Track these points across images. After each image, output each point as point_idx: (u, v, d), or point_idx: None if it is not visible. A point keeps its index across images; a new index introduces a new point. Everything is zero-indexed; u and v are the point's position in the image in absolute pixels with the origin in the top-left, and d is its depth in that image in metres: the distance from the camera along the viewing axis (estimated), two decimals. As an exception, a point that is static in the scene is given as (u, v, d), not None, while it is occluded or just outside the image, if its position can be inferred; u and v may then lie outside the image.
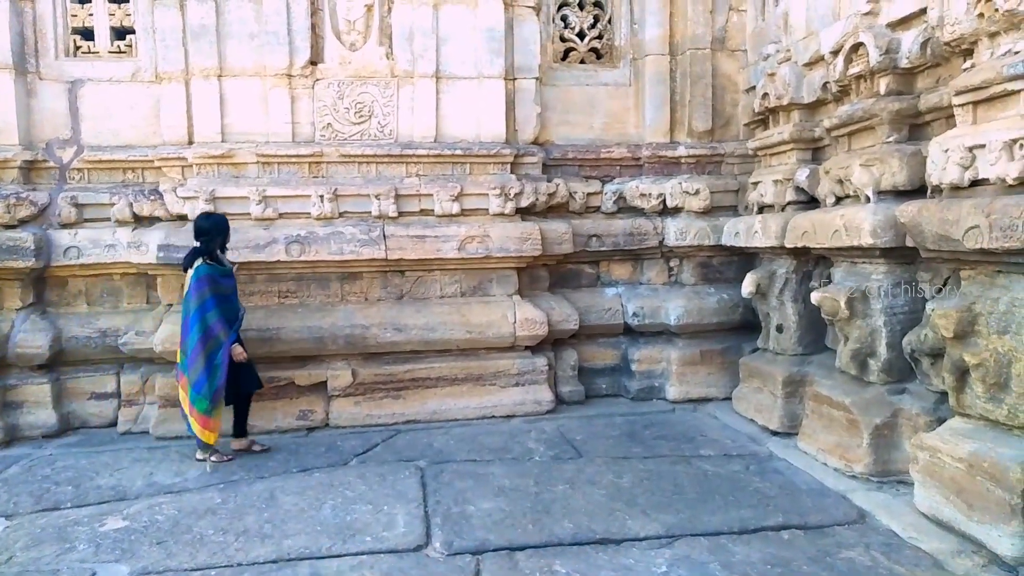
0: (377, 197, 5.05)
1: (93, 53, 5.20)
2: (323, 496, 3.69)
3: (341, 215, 5.06)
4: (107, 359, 5.08)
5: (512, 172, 5.38)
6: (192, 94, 5.06)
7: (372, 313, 5.03)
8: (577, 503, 3.56)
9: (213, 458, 4.23)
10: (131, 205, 5.07)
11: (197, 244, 4.33)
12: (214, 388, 4.19)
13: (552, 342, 5.43)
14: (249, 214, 4.97)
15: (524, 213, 5.36)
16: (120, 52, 5.23)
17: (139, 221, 5.12)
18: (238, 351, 4.27)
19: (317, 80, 5.14)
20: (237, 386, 4.35)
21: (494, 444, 4.51)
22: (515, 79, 5.49)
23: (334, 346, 4.92)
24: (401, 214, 5.12)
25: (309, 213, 5.01)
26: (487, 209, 5.22)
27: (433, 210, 5.16)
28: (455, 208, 5.15)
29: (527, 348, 5.28)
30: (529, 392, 5.16)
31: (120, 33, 5.25)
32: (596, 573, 2.90)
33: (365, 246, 4.94)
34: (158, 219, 5.11)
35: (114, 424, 5.01)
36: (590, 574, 2.89)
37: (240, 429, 4.48)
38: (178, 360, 4.32)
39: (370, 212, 5.07)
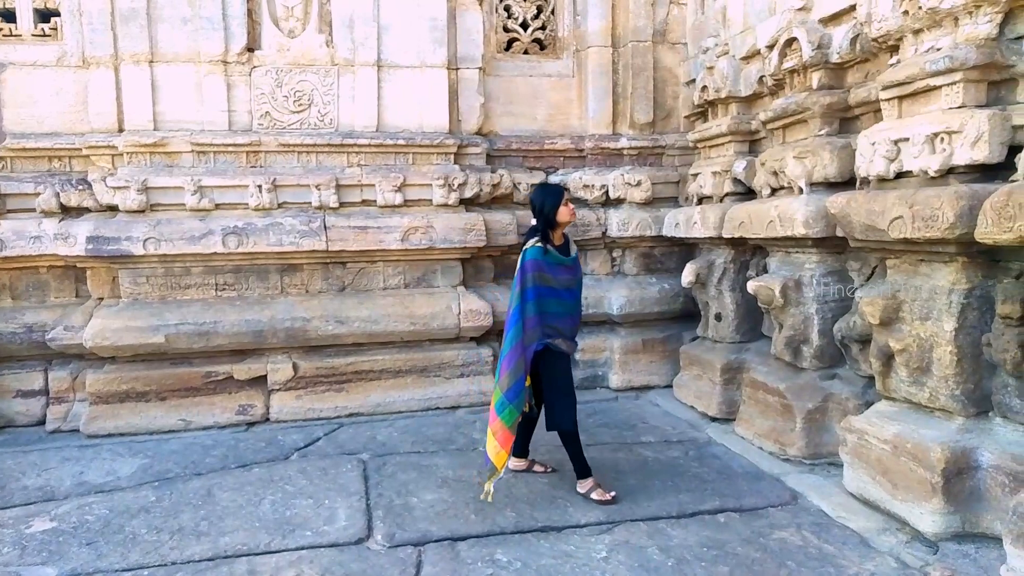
0: (317, 187, 4.96)
1: (15, 36, 4.95)
2: (262, 492, 3.62)
3: (280, 206, 4.96)
4: (34, 355, 4.87)
5: (456, 163, 5.35)
6: (122, 80, 4.88)
7: (313, 305, 4.95)
8: (519, 492, 3.58)
9: (493, 479, 3.47)
10: (58, 195, 4.87)
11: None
12: (516, 394, 3.42)
13: (497, 333, 5.42)
14: (184, 205, 4.82)
15: (468, 204, 5.34)
16: (44, 35, 4.99)
17: (67, 212, 4.92)
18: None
19: (254, 67, 5.02)
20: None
21: (438, 435, 4.50)
22: (458, 69, 5.45)
23: (274, 339, 4.83)
24: (342, 205, 5.04)
25: (247, 204, 4.89)
26: (431, 200, 5.19)
27: (375, 201, 5.10)
28: (398, 199, 5.10)
29: (472, 339, 5.28)
30: (474, 383, 5.16)
31: (44, 15, 5.01)
32: (537, 561, 2.92)
33: (305, 237, 4.86)
34: (87, 210, 4.92)
35: (42, 423, 4.82)
36: (531, 562, 2.91)
37: (580, 467, 3.62)
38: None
39: (310, 203, 4.98)
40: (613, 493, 3.46)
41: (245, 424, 4.79)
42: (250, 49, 5.01)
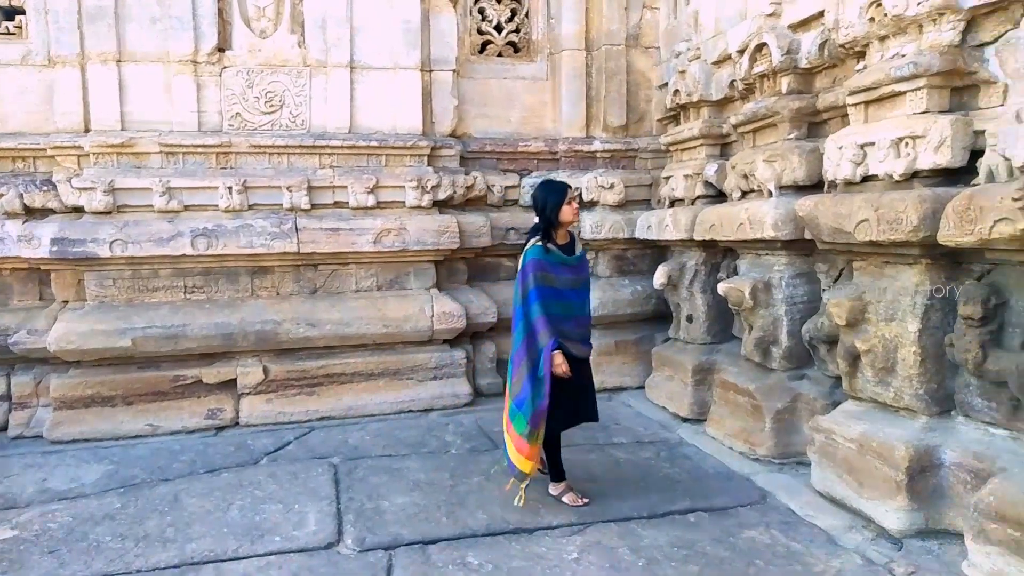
0: (289, 189, 4.92)
1: (-22, 34, 4.87)
2: (231, 497, 3.57)
3: (251, 207, 4.91)
4: (-4, 360, 4.78)
5: (429, 165, 5.34)
6: (89, 79, 4.81)
7: (284, 308, 4.90)
8: (492, 494, 3.57)
9: (523, 484, 3.40)
10: (22, 196, 4.77)
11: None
12: (535, 408, 3.26)
13: (471, 335, 5.43)
14: (152, 206, 4.75)
15: (442, 206, 5.33)
16: (9, 33, 4.90)
17: (31, 213, 4.83)
18: (558, 360, 3.28)
19: (225, 67, 4.96)
20: (573, 411, 3.47)
21: (411, 438, 4.47)
22: (432, 71, 5.44)
23: (244, 342, 4.77)
24: (314, 206, 5.00)
25: (217, 205, 4.83)
26: (403, 202, 5.17)
27: (348, 202, 5.07)
28: (370, 200, 5.07)
29: (445, 341, 5.26)
30: (447, 385, 5.14)
31: (9, 13, 4.92)
32: (508, 563, 2.92)
33: (276, 239, 4.81)
34: (52, 211, 4.83)
35: (4, 428, 4.71)
36: (502, 564, 2.91)
37: (555, 470, 3.53)
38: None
39: (281, 204, 4.93)
40: (586, 500, 3.44)
41: (214, 428, 4.72)
42: (221, 49, 4.96)
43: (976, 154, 2.96)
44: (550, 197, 3.41)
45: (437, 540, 3.11)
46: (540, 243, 3.39)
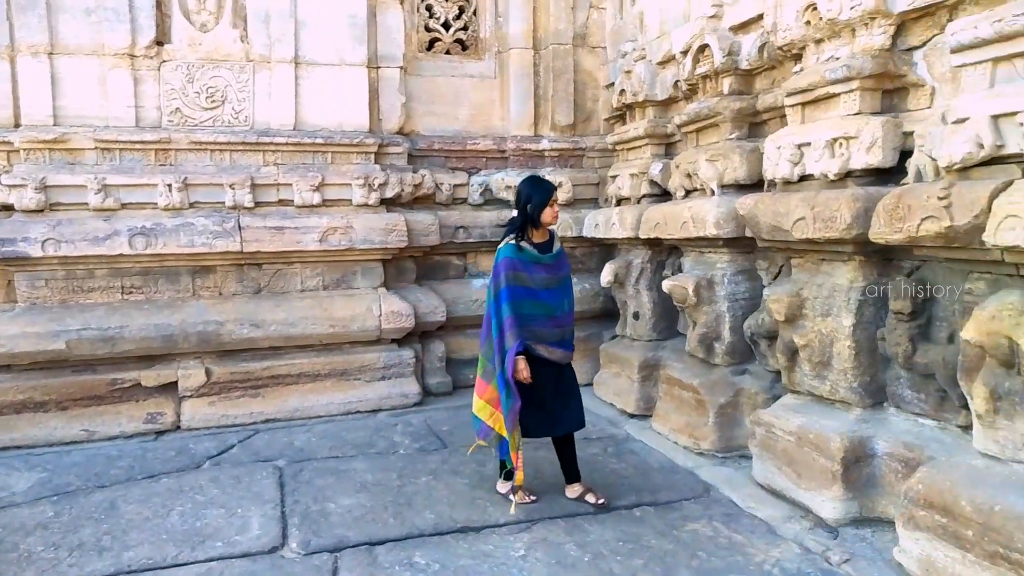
0: (232, 187, 4.81)
1: None
2: (171, 502, 3.48)
3: (192, 205, 4.79)
4: (-80, 364, 4.55)
5: (377, 162, 5.28)
6: (19, 72, 4.61)
7: (227, 308, 4.80)
8: (440, 494, 3.56)
9: (515, 497, 3.36)
10: (-54, 193, 4.56)
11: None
12: (508, 409, 3.25)
13: (419, 334, 5.40)
14: (87, 204, 4.60)
15: (390, 204, 5.28)
16: (-69, 23, 4.68)
17: (-44, 211, 4.62)
18: (519, 365, 3.22)
19: (164, 62, 4.83)
20: (552, 418, 3.40)
21: (358, 439, 4.43)
22: (379, 68, 5.40)
23: (186, 344, 4.65)
24: (258, 204, 4.90)
25: (156, 203, 4.70)
26: (350, 200, 5.10)
27: (293, 201, 4.98)
28: (316, 198, 5.00)
29: (393, 341, 5.22)
30: (395, 385, 5.10)
31: (-70, 1, 4.70)
32: (456, 562, 2.91)
33: (219, 238, 4.70)
34: (-21, 209, 4.63)
35: (-71, 436, 4.50)
36: (449, 563, 2.90)
37: (570, 472, 3.49)
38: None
39: (224, 203, 4.82)
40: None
41: (154, 433, 4.59)
42: (159, 43, 4.83)
43: (906, 154, 3.06)
44: (535, 194, 3.33)
45: (384, 541, 3.09)
46: (513, 241, 3.33)
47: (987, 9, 2.56)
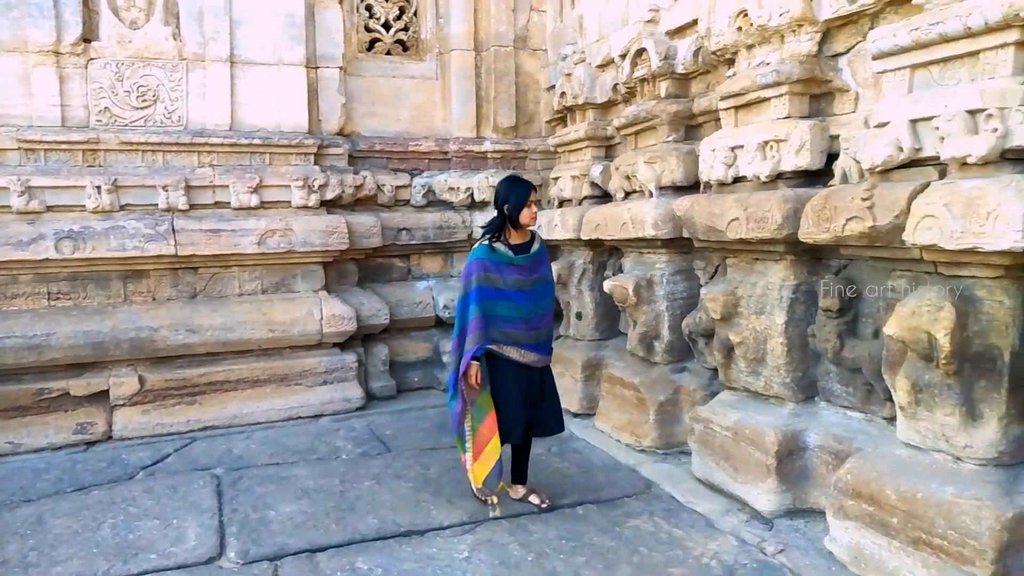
0: (165, 188, 4.67)
1: None
2: (102, 515, 3.36)
3: (123, 208, 4.63)
4: None
5: (316, 164, 5.21)
6: (-67, 68, 4.40)
7: (161, 314, 4.66)
8: (383, 498, 3.53)
9: (492, 500, 3.35)
10: None
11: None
12: (450, 410, 3.32)
13: (362, 338, 5.34)
14: (10, 207, 4.41)
15: (330, 206, 5.21)
16: None
17: None
18: (471, 370, 3.21)
19: (91, 59, 4.66)
20: (532, 422, 3.38)
21: (299, 445, 4.35)
22: (318, 68, 5.32)
23: (117, 351, 4.50)
24: (193, 207, 4.77)
25: (84, 206, 4.53)
26: (290, 202, 5.02)
27: (230, 203, 4.87)
28: (254, 200, 4.89)
29: (335, 345, 5.14)
30: (338, 390, 5.04)
31: None
32: (399, 566, 2.89)
33: (151, 241, 4.56)
34: None
35: None
36: (392, 567, 2.88)
37: (519, 474, 3.49)
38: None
39: (157, 205, 4.68)
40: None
41: (84, 444, 4.42)
42: (87, 40, 4.66)
43: (833, 157, 3.18)
44: (512, 193, 3.28)
45: (326, 547, 3.05)
46: (487, 242, 3.30)
47: (906, 18, 2.67)
